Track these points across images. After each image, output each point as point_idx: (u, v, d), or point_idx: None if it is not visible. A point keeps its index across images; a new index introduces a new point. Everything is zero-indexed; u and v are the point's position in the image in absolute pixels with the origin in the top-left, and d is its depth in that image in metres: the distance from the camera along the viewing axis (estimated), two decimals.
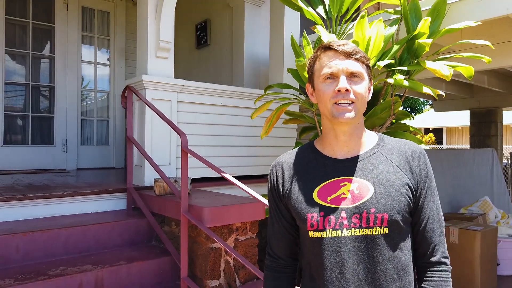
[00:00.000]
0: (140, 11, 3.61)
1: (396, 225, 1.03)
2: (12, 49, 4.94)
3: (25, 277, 2.25)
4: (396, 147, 1.13)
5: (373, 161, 1.10)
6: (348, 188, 1.06)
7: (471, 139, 7.68)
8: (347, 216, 1.03)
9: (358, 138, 1.12)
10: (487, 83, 5.80)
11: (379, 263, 1.02)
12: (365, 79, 1.09)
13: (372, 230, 1.02)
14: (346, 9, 2.96)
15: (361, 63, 1.08)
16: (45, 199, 2.96)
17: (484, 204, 5.05)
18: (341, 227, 1.03)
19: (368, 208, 1.03)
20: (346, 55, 1.06)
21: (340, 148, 1.11)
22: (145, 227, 3.03)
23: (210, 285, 2.56)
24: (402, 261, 1.04)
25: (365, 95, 1.08)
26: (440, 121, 21.64)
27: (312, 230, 1.05)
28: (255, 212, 2.77)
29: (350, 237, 1.02)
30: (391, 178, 1.07)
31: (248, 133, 4.10)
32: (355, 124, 1.10)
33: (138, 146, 3.27)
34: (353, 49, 1.07)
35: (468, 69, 2.45)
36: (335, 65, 1.06)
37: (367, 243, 1.02)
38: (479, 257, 3.94)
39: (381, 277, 1.02)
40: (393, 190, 1.05)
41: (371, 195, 1.04)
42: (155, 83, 3.39)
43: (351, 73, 1.06)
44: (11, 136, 4.98)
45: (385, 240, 1.02)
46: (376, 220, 1.02)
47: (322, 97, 1.09)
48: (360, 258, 1.02)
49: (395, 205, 1.03)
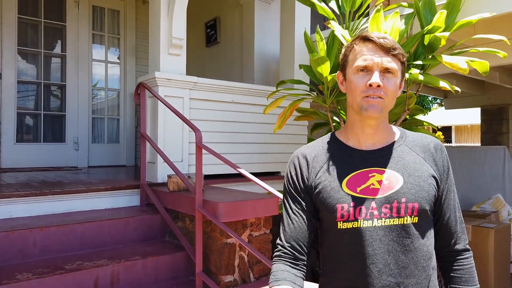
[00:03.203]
0: (152, 9, 3.62)
1: (425, 214, 1.04)
2: (25, 48, 4.99)
3: (43, 271, 2.27)
4: (419, 140, 1.14)
5: (399, 152, 1.10)
6: (377, 178, 1.06)
7: (482, 136, 7.60)
8: (377, 207, 1.03)
9: (384, 131, 1.12)
10: (499, 80, 5.74)
11: (410, 252, 1.02)
12: (398, 76, 1.08)
13: (403, 220, 1.02)
14: (359, 4, 2.95)
15: (397, 60, 1.07)
16: (60, 195, 2.98)
17: (496, 201, 5.01)
18: (372, 217, 1.02)
19: (399, 198, 1.03)
20: (385, 50, 1.05)
21: (366, 140, 1.11)
22: (158, 223, 3.05)
23: (225, 280, 2.57)
24: (430, 249, 1.06)
25: (396, 92, 1.08)
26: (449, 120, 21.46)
27: (342, 221, 1.04)
28: (269, 207, 2.76)
29: (380, 227, 1.02)
30: (419, 168, 1.07)
31: (259, 130, 4.10)
32: (382, 118, 1.10)
33: (151, 142, 3.28)
34: (392, 44, 1.06)
35: (484, 64, 2.43)
36: (370, 58, 1.05)
37: (398, 232, 1.02)
38: (492, 254, 3.91)
39: (412, 265, 1.02)
40: (422, 180, 1.06)
41: (401, 185, 1.04)
42: (168, 80, 3.40)
43: (385, 69, 1.05)
44: (23, 135, 5.03)
45: (415, 228, 1.03)
46: (407, 209, 1.02)
47: (352, 88, 1.08)
48: (391, 247, 1.01)
49: (425, 195, 1.04)
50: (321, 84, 2.92)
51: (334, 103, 3.07)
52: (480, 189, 5.31)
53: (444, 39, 2.34)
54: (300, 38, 4.23)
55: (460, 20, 2.55)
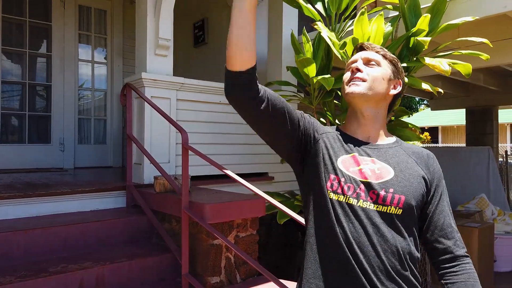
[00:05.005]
0: (139, 9, 3.60)
1: (410, 209, 1.08)
2: (9, 48, 4.91)
3: (26, 274, 2.23)
4: (413, 148, 1.21)
5: (394, 151, 1.17)
6: (370, 166, 1.11)
7: (467, 137, 7.73)
8: (365, 190, 1.07)
9: (378, 128, 1.19)
10: (483, 82, 5.84)
11: (389, 240, 1.04)
12: (383, 66, 1.17)
13: (386, 208, 1.06)
14: (345, 6, 2.98)
15: (383, 56, 1.18)
16: (45, 197, 2.94)
17: (480, 201, 5.10)
18: (358, 198, 1.06)
19: (387, 188, 1.07)
20: (371, 49, 1.19)
21: (362, 132, 1.18)
22: (145, 225, 3.03)
23: (211, 281, 2.56)
24: (410, 245, 1.06)
25: (379, 79, 1.15)
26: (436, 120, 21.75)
27: (331, 191, 1.08)
28: (256, 209, 2.77)
29: (365, 208, 1.05)
30: (411, 167, 1.13)
31: (247, 131, 4.09)
32: (372, 107, 1.16)
33: (137, 144, 3.26)
34: (381, 49, 1.20)
35: (466, 66, 2.47)
36: (357, 55, 1.20)
37: (379, 219, 1.05)
38: (476, 253, 3.97)
39: (390, 253, 1.03)
40: (412, 178, 1.11)
41: (391, 177, 1.09)
42: (155, 81, 3.38)
43: (368, 60, 1.17)
44: (7, 135, 4.95)
45: (397, 220, 1.06)
46: (393, 199, 1.06)
47: (343, 83, 1.19)
48: (372, 231, 1.04)
49: (413, 190, 1.09)
50: (307, 85, 2.94)
51: (320, 104, 3.10)
52: (465, 189, 5.39)
53: (426, 44, 2.38)
54: (287, 39, 4.24)
55: (444, 24, 2.59)
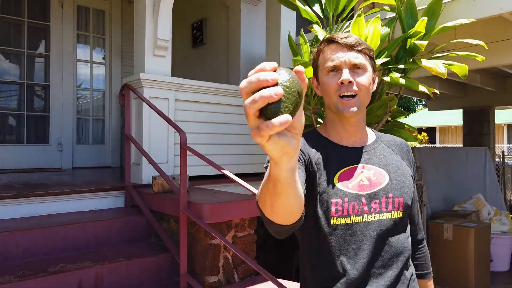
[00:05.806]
0: (138, 10, 3.62)
1: (407, 208, 1.11)
2: (7, 48, 4.91)
3: (25, 273, 2.25)
4: (392, 140, 1.22)
5: (380, 150, 1.16)
6: (365, 175, 1.09)
7: (464, 137, 7.76)
8: (367, 202, 1.05)
9: (363, 129, 1.17)
10: (479, 82, 5.87)
11: (394, 244, 1.06)
12: (368, 70, 1.10)
13: (390, 214, 1.07)
14: (343, 8, 3.00)
15: (364, 54, 1.09)
16: (43, 196, 2.96)
17: (477, 201, 5.12)
18: (362, 213, 1.05)
19: (386, 193, 1.08)
20: (349, 47, 1.07)
21: (348, 138, 1.14)
22: (143, 225, 3.04)
23: (209, 281, 2.58)
24: (409, 241, 1.12)
25: (369, 86, 1.10)
26: (433, 121, 21.83)
27: (336, 217, 1.04)
28: (254, 208, 2.78)
29: (371, 222, 1.05)
30: (399, 166, 1.15)
31: (245, 131, 4.12)
32: (361, 115, 1.14)
33: (136, 144, 3.27)
34: (356, 41, 1.08)
35: (463, 67, 2.50)
36: (337, 57, 1.08)
37: (386, 226, 1.06)
38: (472, 253, 4.00)
39: (395, 257, 1.06)
40: (404, 177, 1.13)
41: (387, 181, 1.09)
42: (153, 81, 3.40)
43: (353, 65, 1.07)
44: (5, 135, 4.96)
45: (399, 223, 1.09)
46: (394, 204, 1.08)
47: (326, 90, 1.10)
48: (379, 240, 1.05)
49: (407, 190, 1.11)
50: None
51: (318, 105, 3.11)
52: (462, 189, 5.41)
53: (422, 47, 2.40)
54: (285, 40, 4.26)
55: (439, 26, 2.61)
